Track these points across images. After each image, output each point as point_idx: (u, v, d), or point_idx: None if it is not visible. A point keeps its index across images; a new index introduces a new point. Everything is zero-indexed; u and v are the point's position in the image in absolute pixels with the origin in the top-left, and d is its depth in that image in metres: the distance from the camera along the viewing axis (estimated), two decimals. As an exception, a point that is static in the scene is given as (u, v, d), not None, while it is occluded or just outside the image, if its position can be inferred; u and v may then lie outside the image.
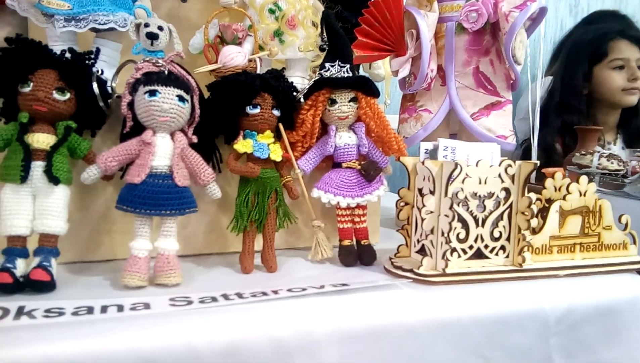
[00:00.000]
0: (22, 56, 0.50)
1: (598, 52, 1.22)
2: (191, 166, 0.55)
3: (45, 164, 0.50)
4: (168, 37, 0.65)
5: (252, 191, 0.57)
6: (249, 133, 0.58)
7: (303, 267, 0.61)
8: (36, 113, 0.50)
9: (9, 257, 0.48)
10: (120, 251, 0.60)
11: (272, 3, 0.74)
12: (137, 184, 0.51)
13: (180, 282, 0.52)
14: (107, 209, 0.59)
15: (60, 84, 0.50)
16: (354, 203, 0.61)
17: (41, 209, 0.50)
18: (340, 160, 0.62)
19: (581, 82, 1.22)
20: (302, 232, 0.68)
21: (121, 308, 0.45)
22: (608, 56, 1.20)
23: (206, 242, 0.64)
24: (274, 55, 0.74)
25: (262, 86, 0.57)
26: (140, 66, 0.55)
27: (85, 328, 0.42)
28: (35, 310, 0.44)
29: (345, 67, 0.61)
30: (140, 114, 0.53)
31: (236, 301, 0.48)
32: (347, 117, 0.61)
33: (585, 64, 1.22)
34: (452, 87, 0.77)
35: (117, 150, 0.53)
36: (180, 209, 0.53)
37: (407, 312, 0.50)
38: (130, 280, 0.50)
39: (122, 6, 0.66)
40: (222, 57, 0.68)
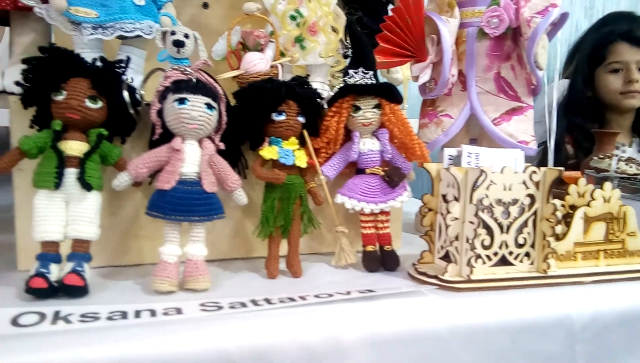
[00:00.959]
0: (55, 64, 0.51)
1: (597, 55, 1.21)
2: (219, 173, 0.55)
3: (78, 171, 0.51)
4: (193, 44, 0.66)
5: (277, 197, 0.58)
6: (274, 140, 0.59)
7: (327, 272, 0.62)
8: (69, 121, 0.51)
9: (42, 262, 0.50)
10: (148, 255, 0.61)
11: (293, 10, 0.75)
12: (167, 190, 0.52)
13: (208, 287, 0.53)
14: (135, 214, 0.60)
15: (92, 92, 0.51)
16: (378, 209, 0.62)
17: (74, 215, 0.51)
18: (363, 166, 0.62)
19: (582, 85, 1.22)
20: (325, 237, 0.68)
21: (154, 313, 0.46)
22: (606, 59, 1.20)
23: (231, 247, 0.65)
24: (295, 61, 0.75)
25: (288, 93, 0.57)
26: (169, 74, 0.56)
27: (120, 333, 0.42)
28: (71, 315, 0.45)
29: (369, 74, 0.61)
30: (170, 121, 0.54)
31: (265, 307, 0.49)
32: (370, 124, 0.62)
33: (585, 68, 1.22)
34: (473, 92, 0.77)
35: (147, 157, 0.54)
36: (208, 215, 0.54)
37: (433, 319, 0.51)
38: (160, 285, 0.51)
39: (148, 14, 0.68)
40: (245, 64, 0.69)
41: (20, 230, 0.57)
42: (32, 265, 0.56)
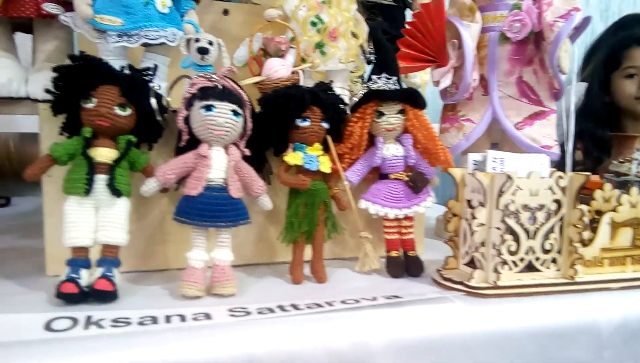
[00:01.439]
0: (85, 73, 0.52)
1: (613, 60, 1.20)
2: (244, 179, 0.56)
3: (108, 177, 0.52)
4: (217, 51, 0.67)
5: (301, 203, 0.58)
6: (298, 146, 0.59)
7: (351, 278, 0.62)
8: (99, 128, 0.52)
9: (73, 268, 0.50)
10: (173, 260, 0.62)
11: (314, 16, 0.75)
12: (194, 196, 0.53)
13: (235, 292, 0.54)
14: (161, 220, 0.61)
15: (121, 100, 0.52)
16: (402, 214, 0.62)
17: (104, 221, 0.52)
18: (387, 172, 0.62)
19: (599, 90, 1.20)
20: (348, 243, 0.68)
21: (184, 319, 0.47)
22: (622, 64, 1.19)
23: (255, 252, 0.65)
24: (316, 67, 0.76)
25: (312, 99, 0.58)
26: (195, 82, 0.56)
27: (152, 338, 0.43)
28: (102, 320, 0.45)
29: (392, 80, 0.61)
30: (196, 128, 0.55)
31: (292, 313, 0.49)
32: (394, 129, 0.62)
33: (601, 72, 1.21)
34: (494, 96, 0.77)
35: (175, 163, 0.54)
36: (234, 221, 0.54)
37: (461, 325, 0.50)
38: (188, 290, 0.52)
39: (171, 21, 0.68)
40: (266, 70, 0.70)
41: (49, 235, 0.58)
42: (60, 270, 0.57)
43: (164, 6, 0.67)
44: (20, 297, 0.52)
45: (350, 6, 0.78)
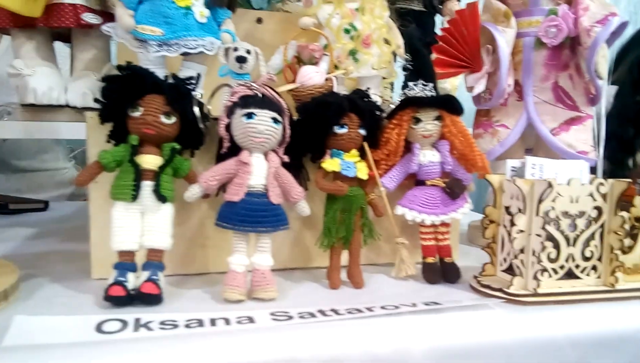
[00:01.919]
0: (132, 82, 0.53)
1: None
2: (283, 185, 0.57)
3: (153, 183, 0.53)
4: (255, 60, 0.68)
5: (339, 209, 0.59)
6: (335, 152, 0.60)
7: (387, 284, 0.62)
8: (145, 136, 0.53)
9: (120, 271, 0.52)
10: (212, 264, 0.63)
11: (347, 24, 0.76)
12: (236, 202, 0.54)
13: (276, 297, 0.54)
14: (201, 224, 0.62)
15: (166, 108, 0.54)
16: (439, 221, 0.62)
17: (149, 225, 0.53)
18: (423, 178, 0.63)
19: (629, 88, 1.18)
20: (382, 248, 0.68)
21: (228, 322, 0.48)
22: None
23: (291, 257, 0.66)
24: (349, 73, 0.76)
25: (350, 106, 0.58)
26: (236, 90, 0.58)
27: (200, 340, 0.44)
28: (151, 322, 0.47)
29: (429, 86, 0.62)
30: (237, 135, 0.56)
31: (333, 318, 0.50)
32: (431, 136, 0.62)
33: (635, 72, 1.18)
34: (530, 102, 0.76)
35: (217, 170, 0.56)
36: (275, 226, 0.55)
37: (502, 332, 0.50)
38: (230, 294, 0.53)
39: (209, 31, 0.70)
40: (301, 77, 0.71)
41: (95, 239, 0.60)
42: (105, 274, 0.58)
43: (203, 16, 0.69)
44: (68, 300, 0.54)
45: (383, 13, 0.78)
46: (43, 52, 0.84)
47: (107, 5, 0.84)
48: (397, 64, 0.76)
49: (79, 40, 0.86)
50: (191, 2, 0.67)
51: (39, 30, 0.82)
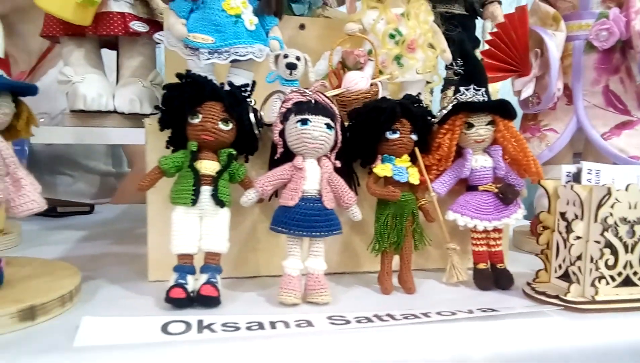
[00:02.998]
0: (192, 90, 0.55)
1: None
2: (336, 190, 0.57)
3: (212, 188, 0.54)
4: (304, 66, 0.69)
5: (390, 214, 0.59)
6: (387, 158, 0.60)
7: (439, 289, 0.62)
8: (204, 142, 0.55)
9: (180, 274, 0.53)
10: (264, 268, 0.64)
11: (393, 29, 0.76)
12: (290, 207, 0.55)
13: (330, 301, 0.55)
14: (253, 228, 0.63)
15: (224, 115, 0.55)
16: (491, 226, 0.61)
17: (207, 229, 0.54)
18: (475, 183, 0.62)
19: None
20: (431, 254, 0.68)
21: (287, 325, 0.48)
22: None
23: (340, 261, 0.66)
24: (394, 78, 0.77)
25: (403, 112, 0.59)
26: (289, 97, 0.59)
27: (263, 343, 0.45)
28: (213, 324, 0.47)
29: (481, 91, 0.61)
30: (292, 141, 0.57)
31: (390, 323, 0.50)
32: (483, 141, 0.62)
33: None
34: (580, 106, 0.75)
35: (272, 175, 0.56)
36: (328, 231, 0.56)
37: (561, 340, 0.50)
38: (286, 297, 0.54)
39: (258, 38, 0.71)
40: (346, 82, 0.71)
41: (152, 243, 0.61)
42: (162, 276, 0.60)
43: (252, 23, 0.70)
44: (128, 301, 0.55)
45: (428, 18, 0.78)
46: (92, 59, 0.87)
47: (154, 14, 0.87)
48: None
49: (126, 48, 0.88)
50: (241, 11, 0.69)
51: (87, 38, 0.85)
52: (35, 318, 0.47)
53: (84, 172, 1.44)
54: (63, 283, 0.52)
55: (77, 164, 1.42)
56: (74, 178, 1.41)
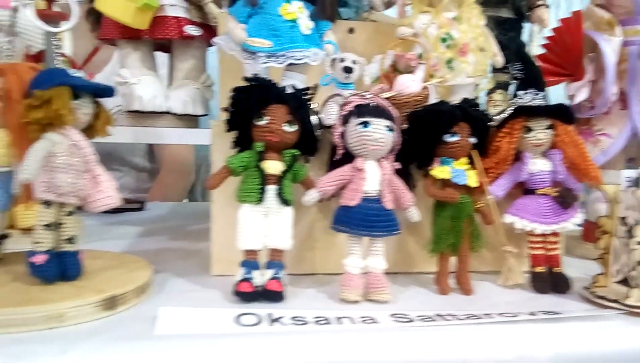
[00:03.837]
0: (259, 93, 0.57)
1: None
2: (395, 191, 0.58)
3: (277, 187, 0.56)
4: (360, 70, 0.71)
5: (448, 216, 0.60)
6: (445, 160, 0.61)
7: (495, 292, 0.62)
8: (269, 143, 0.57)
9: (247, 269, 0.55)
10: (320, 266, 0.66)
11: (444, 33, 0.77)
12: (352, 207, 0.56)
13: (389, 300, 0.56)
14: (310, 227, 0.65)
15: (289, 117, 0.57)
16: (549, 230, 0.62)
17: (272, 227, 0.56)
18: (533, 187, 0.63)
19: None
20: (485, 256, 0.69)
21: (353, 321, 0.50)
22: None
23: (395, 261, 0.67)
24: (446, 82, 0.77)
25: (462, 115, 0.59)
26: (350, 100, 0.60)
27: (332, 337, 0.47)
28: (282, 317, 0.49)
29: (540, 95, 0.62)
30: (352, 143, 0.58)
31: (453, 322, 0.51)
32: (542, 145, 0.62)
33: None
34: (635, 111, 0.74)
35: (333, 176, 0.58)
36: (389, 231, 0.57)
37: (623, 344, 0.50)
38: (348, 294, 0.55)
39: (313, 42, 0.73)
40: (398, 86, 0.72)
41: (216, 239, 0.64)
42: (223, 271, 0.63)
43: (307, 28, 0.72)
44: (197, 294, 0.58)
45: (480, 21, 0.79)
46: (147, 61, 0.90)
47: (207, 18, 0.90)
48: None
49: (179, 50, 0.91)
50: (297, 15, 0.71)
51: (143, 41, 0.89)
52: (115, 307, 0.50)
53: (129, 168, 1.49)
54: (138, 275, 0.55)
55: (123, 161, 1.47)
56: (122, 173, 1.46)
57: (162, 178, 1.51)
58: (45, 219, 0.50)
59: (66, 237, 0.52)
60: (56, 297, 0.47)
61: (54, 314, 0.45)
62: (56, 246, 0.51)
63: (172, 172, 1.52)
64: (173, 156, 1.52)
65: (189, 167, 1.59)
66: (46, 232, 0.50)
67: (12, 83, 0.51)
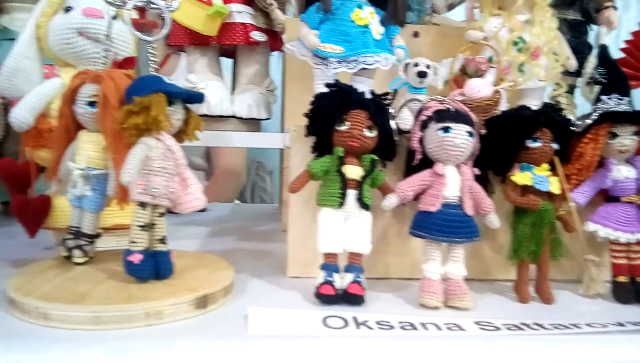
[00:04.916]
0: (341, 99, 0.58)
1: None
2: (475, 197, 0.58)
3: (357, 192, 0.57)
4: (434, 74, 0.71)
5: (529, 223, 0.59)
6: (526, 166, 0.60)
7: (576, 301, 0.61)
8: (350, 148, 0.57)
9: (327, 272, 0.56)
10: (393, 270, 0.66)
11: (517, 36, 0.76)
12: (432, 212, 0.56)
13: (470, 307, 0.56)
14: (384, 231, 0.66)
15: (369, 123, 0.57)
16: (634, 239, 0.60)
17: (352, 231, 0.57)
18: (617, 194, 0.61)
19: None
20: (562, 264, 0.67)
21: (439, 327, 0.50)
22: None
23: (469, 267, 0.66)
24: (517, 85, 0.76)
25: (546, 120, 0.58)
26: (428, 105, 0.60)
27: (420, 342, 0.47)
28: (367, 321, 0.50)
29: (624, 100, 0.60)
30: (432, 148, 0.58)
31: (541, 332, 0.50)
32: (627, 151, 0.60)
33: None
34: None
35: (413, 181, 0.58)
36: (469, 237, 0.57)
37: None
38: (428, 300, 0.55)
39: (383, 47, 0.73)
40: (469, 89, 0.71)
41: (292, 241, 0.65)
42: (298, 272, 0.64)
43: (378, 33, 0.72)
44: (276, 294, 0.59)
45: (552, 24, 0.77)
46: (213, 67, 0.93)
47: (272, 24, 0.91)
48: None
49: (244, 56, 0.93)
50: (369, 21, 0.71)
51: (210, 47, 0.91)
52: (206, 306, 0.51)
53: (190, 168, 1.54)
54: (223, 275, 0.57)
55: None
56: None
57: (216, 180, 1.55)
58: (141, 220, 0.52)
59: (159, 237, 0.54)
60: (153, 295, 0.49)
61: (153, 311, 0.47)
62: (150, 246, 0.53)
63: (226, 174, 1.56)
64: (227, 159, 1.56)
65: (241, 170, 1.63)
66: (142, 232, 0.52)
67: (109, 90, 0.54)
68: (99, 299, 0.48)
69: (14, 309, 0.49)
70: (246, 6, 0.87)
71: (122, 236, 0.74)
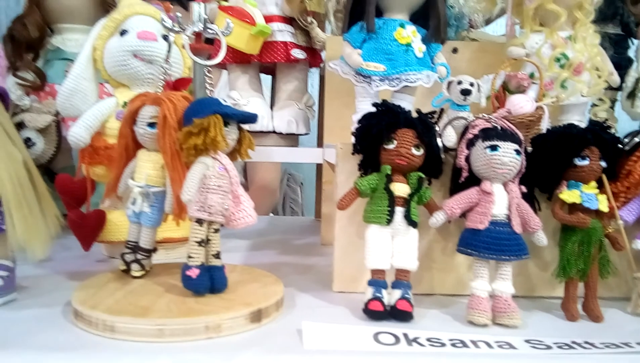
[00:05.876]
0: (389, 118, 0.59)
1: None
2: (523, 215, 0.58)
3: (404, 209, 0.58)
4: (477, 92, 0.71)
5: (577, 241, 0.59)
6: (573, 183, 0.60)
7: (625, 319, 0.60)
8: (397, 166, 0.59)
9: (376, 288, 0.57)
10: (438, 286, 0.67)
11: (559, 53, 0.76)
12: (480, 230, 0.57)
13: (519, 325, 0.56)
14: (429, 248, 0.66)
15: (416, 141, 0.58)
16: (686, 258, 0.59)
17: (399, 247, 0.58)
18: (667, 212, 0.61)
19: None
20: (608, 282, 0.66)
21: (490, 345, 0.50)
22: None
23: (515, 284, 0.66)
24: (560, 101, 0.76)
25: (594, 138, 0.59)
26: (475, 123, 0.61)
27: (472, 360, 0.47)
28: (418, 338, 0.51)
29: (676, 118, 0.60)
30: (479, 166, 0.59)
31: (593, 350, 0.50)
32: (677, 169, 0.60)
33: None
34: None
35: (460, 198, 0.59)
36: (518, 255, 0.57)
37: None
38: (478, 317, 0.56)
39: (425, 65, 0.74)
40: (512, 106, 0.72)
41: (338, 257, 0.66)
42: (344, 287, 0.65)
43: (420, 51, 0.73)
44: (324, 309, 0.60)
45: (595, 40, 0.77)
46: (254, 84, 0.96)
47: (312, 42, 0.94)
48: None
49: (284, 73, 0.96)
50: (411, 40, 0.73)
51: (251, 65, 0.94)
52: (260, 320, 0.53)
53: None
54: (274, 290, 0.59)
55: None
56: None
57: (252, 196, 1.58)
58: (198, 236, 0.55)
59: (214, 252, 0.56)
60: (211, 309, 0.51)
61: (212, 325, 0.49)
62: (206, 261, 0.56)
63: (261, 190, 1.59)
64: (263, 174, 1.58)
65: (276, 185, 1.65)
66: (199, 248, 0.55)
67: (168, 112, 0.57)
68: (161, 312, 0.50)
69: (80, 321, 0.51)
70: (287, 25, 0.90)
71: (170, 250, 0.78)
